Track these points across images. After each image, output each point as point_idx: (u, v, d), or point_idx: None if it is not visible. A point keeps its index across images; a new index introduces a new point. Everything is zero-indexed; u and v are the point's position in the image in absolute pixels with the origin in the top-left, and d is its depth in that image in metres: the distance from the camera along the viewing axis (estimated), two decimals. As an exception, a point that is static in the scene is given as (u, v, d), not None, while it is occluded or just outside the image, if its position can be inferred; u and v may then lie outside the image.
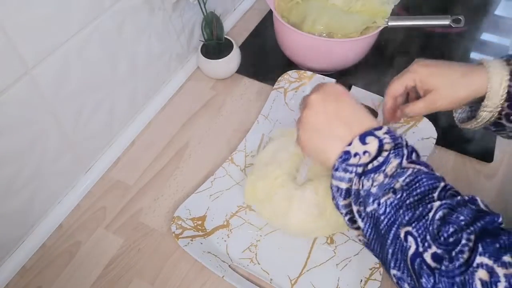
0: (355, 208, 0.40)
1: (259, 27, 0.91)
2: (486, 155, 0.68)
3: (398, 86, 0.55)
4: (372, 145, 0.40)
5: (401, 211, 0.37)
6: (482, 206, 0.38)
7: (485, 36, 0.90)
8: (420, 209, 0.36)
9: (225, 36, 0.79)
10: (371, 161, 0.39)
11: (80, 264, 0.58)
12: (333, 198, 0.42)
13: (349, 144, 0.41)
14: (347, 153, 0.41)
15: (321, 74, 0.77)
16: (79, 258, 0.59)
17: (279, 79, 0.76)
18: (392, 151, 0.39)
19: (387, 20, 0.73)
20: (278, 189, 0.57)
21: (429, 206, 0.36)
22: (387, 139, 0.40)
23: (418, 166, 0.39)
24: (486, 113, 0.50)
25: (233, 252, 0.58)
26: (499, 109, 0.49)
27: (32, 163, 0.55)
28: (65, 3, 0.51)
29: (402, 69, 0.81)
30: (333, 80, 0.73)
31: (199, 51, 0.78)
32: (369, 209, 0.38)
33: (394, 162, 0.39)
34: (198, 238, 0.58)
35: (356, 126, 0.42)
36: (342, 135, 0.42)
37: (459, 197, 0.37)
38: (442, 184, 0.38)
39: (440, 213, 0.36)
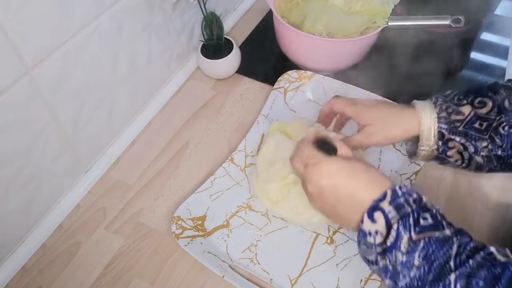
0: (387, 282, 0.43)
1: (259, 27, 0.91)
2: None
3: (339, 106, 0.59)
4: (380, 223, 0.42)
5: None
6: (498, 256, 0.38)
7: (485, 36, 0.90)
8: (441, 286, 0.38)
9: (225, 36, 0.79)
10: (384, 240, 0.41)
11: (80, 264, 0.58)
12: (365, 261, 0.45)
13: (362, 222, 0.43)
14: (361, 231, 0.43)
15: (321, 74, 0.77)
16: (79, 258, 0.59)
17: (279, 79, 0.75)
18: (400, 225, 0.41)
19: (387, 20, 0.73)
20: (291, 187, 0.57)
21: (447, 281, 0.38)
22: (392, 213, 0.42)
23: (428, 234, 0.40)
24: (425, 152, 0.53)
25: (233, 252, 0.58)
26: (435, 146, 0.52)
27: (32, 163, 0.55)
28: (65, 3, 0.51)
29: (402, 69, 0.82)
30: (331, 79, 0.73)
31: (199, 51, 0.78)
32: (400, 284, 0.41)
33: (405, 237, 0.40)
34: (198, 238, 0.58)
35: (359, 204, 0.44)
36: (350, 216, 0.45)
37: (474, 258, 0.38)
38: (455, 247, 0.40)
39: (458, 286, 0.37)
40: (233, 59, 0.78)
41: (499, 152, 0.50)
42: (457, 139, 0.51)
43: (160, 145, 0.71)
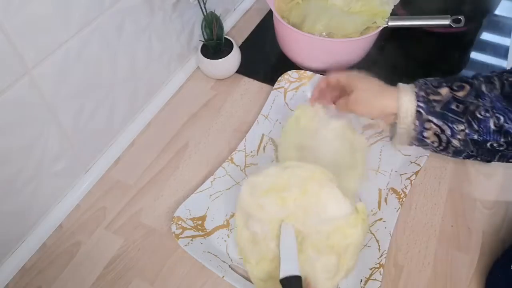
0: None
1: (259, 27, 0.91)
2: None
3: (333, 77, 0.63)
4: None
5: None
6: None
7: (485, 36, 0.90)
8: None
9: (225, 36, 0.79)
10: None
11: (80, 264, 0.58)
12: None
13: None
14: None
15: (321, 74, 0.77)
16: (79, 258, 0.59)
17: (279, 79, 0.75)
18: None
19: (387, 20, 0.73)
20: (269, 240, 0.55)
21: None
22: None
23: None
24: (402, 130, 0.55)
25: (233, 252, 0.58)
26: (413, 126, 0.54)
27: (32, 163, 0.55)
28: (65, 3, 0.51)
29: (402, 69, 0.81)
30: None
31: (199, 51, 0.78)
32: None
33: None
34: (198, 238, 0.58)
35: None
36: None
37: None
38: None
39: None
40: (233, 59, 0.78)
41: (475, 137, 0.51)
42: (434, 120, 0.52)
43: (160, 145, 0.71)
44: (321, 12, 0.75)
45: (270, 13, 0.88)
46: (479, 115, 0.50)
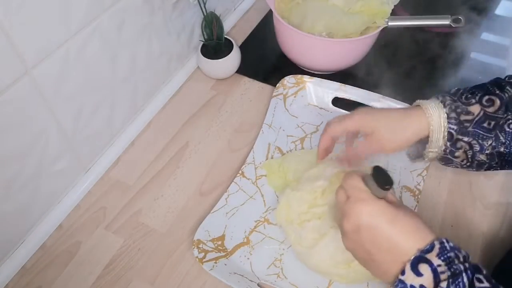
0: None
1: (259, 27, 0.91)
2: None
3: (338, 128, 0.54)
4: (426, 277, 0.37)
5: None
6: None
7: (485, 36, 0.90)
8: None
9: (225, 36, 0.79)
10: None
11: (80, 264, 0.58)
12: None
13: (402, 273, 0.38)
14: (402, 282, 0.38)
15: (320, 75, 0.77)
16: (79, 258, 0.59)
17: (277, 85, 0.75)
18: (452, 284, 0.36)
19: (387, 20, 0.73)
20: (313, 218, 0.55)
21: None
22: (441, 267, 0.37)
23: None
24: (432, 153, 0.52)
25: (258, 269, 0.56)
26: (443, 148, 0.51)
27: (32, 163, 0.55)
28: (65, 3, 0.51)
29: (402, 69, 0.82)
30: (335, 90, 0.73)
31: (199, 51, 0.78)
32: None
33: None
34: (221, 260, 0.56)
35: (400, 252, 0.40)
36: (387, 265, 0.41)
37: None
38: None
39: None
40: (233, 59, 0.78)
41: (502, 149, 0.49)
42: (465, 139, 0.50)
43: (160, 145, 0.71)
44: (321, 12, 0.75)
45: (270, 13, 0.88)
46: (507, 128, 0.49)
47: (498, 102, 0.50)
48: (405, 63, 0.82)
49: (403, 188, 0.63)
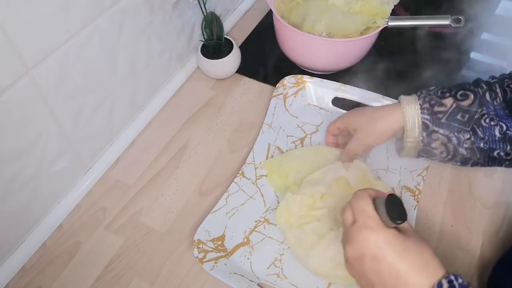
0: None
1: (259, 27, 0.91)
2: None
3: (332, 126, 0.64)
4: None
5: None
6: None
7: (485, 36, 0.90)
8: None
9: (225, 36, 0.79)
10: None
11: (80, 264, 0.58)
12: None
13: None
14: None
15: (320, 75, 0.77)
16: (79, 258, 0.59)
17: (277, 85, 0.75)
18: None
19: (387, 20, 0.73)
20: (313, 220, 0.55)
21: None
22: None
23: None
24: (410, 143, 0.55)
25: (258, 269, 0.56)
26: (420, 138, 0.54)
27: (32, 163, 0.55)
28: (65, 3, 0.51)
29: (402, 69, 0.82)
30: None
31: (199, 51, 0.78)
32: None
33: None
34: (221, 260, 0.56)
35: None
36: None
37: None
38: None
39: None
40: (233, 59, 0.78)
41: (481, 145, 0.51)
42: (441, 131, 0.52)
43: (160, 145, 0.71)
44: (321, 12, 0.75)
45: (270, 13, 0.88)
46: (484, 123, 0.50)
47: (472, 96, 0.52)
48: (405, 63, 0.82)
49: (403, 188, 0.63)
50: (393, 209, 0.41)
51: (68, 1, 0.51)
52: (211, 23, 0.74)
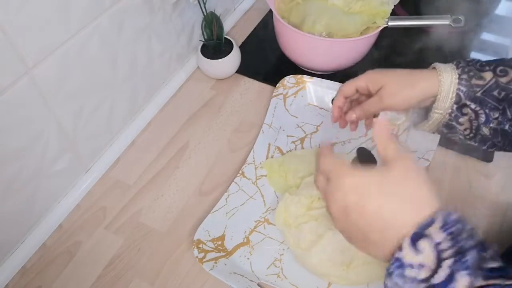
0: None
1: (259, 27, 0.91)
2: (486, 155, 0.68)
3: (349, 86, 0.56)
4: (427, 254, 0.33)
5: None
6: None
7: (485, 36, 0.90)
8: None
9: (225, 36, 0.79)
10: (432, 275, 0.32)
11: (80, 264, 0.58)
12: None
13: (400, 250, 0.34)
14: (398, 260, 0.34)
15: (320, 75, 0.77)
16: (79, 258, 0.59)
17: (277, 85, 0.75)
18: (457, 262, 0.31)
19: (387, 20, 0.73)
20: (310, 220, 0.55)
21: None
22: (444, 243, 0.32)
23: (497, 282, 0.31)
24: (437, 115, 0.51)
25: (258, 269, 0.56)
26: (449, 111, 0.50)
27: (32, 163, 0.55)
28: (65, 3, 0.51)
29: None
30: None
31: (199, 51, 0.78)
32: None
33: (463, 280, 0.31)
34: (221, 260, 0.56)
35: (395, 228, 0.35)
36: (382, 242, 0.36)
37: None
38: None
39: None
40: (233, 59, 0.78)
41: (506, 127, 0.48)
42: (472, 105, 0.48)
43: (160, 145, 0.71)
44: (321, 12, 0.75)
45: (270, 13, 0.88)
46: None
47: (511, 73, 0.48)
48: (405, 63, 0.82)
49: None
50: (364, 158, 0.41)
51: (68, 1, 0.51)
52: (211, 23, 0.74)
